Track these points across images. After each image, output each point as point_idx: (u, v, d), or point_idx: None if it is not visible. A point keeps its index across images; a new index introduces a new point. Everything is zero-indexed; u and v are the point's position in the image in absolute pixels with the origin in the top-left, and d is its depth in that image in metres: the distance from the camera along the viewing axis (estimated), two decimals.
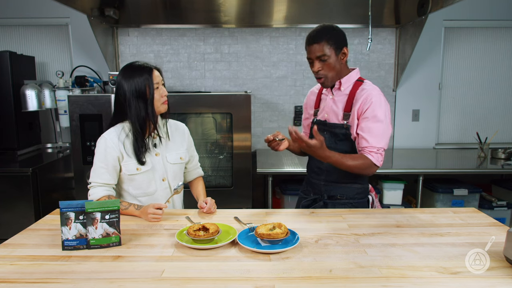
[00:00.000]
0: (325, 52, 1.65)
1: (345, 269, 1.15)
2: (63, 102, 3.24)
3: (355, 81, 1.76)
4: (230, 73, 3.64)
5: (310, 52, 1.69)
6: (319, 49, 1.65)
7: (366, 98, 1.67)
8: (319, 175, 1.85)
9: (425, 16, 3.07)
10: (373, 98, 1.66)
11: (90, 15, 3.05)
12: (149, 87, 1.61)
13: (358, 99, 1.70)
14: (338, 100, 1.77)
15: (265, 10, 3.27)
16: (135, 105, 1.61)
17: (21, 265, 1.19)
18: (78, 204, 1.31)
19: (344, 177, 1.79)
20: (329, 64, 1.68)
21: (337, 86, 1.77)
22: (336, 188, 1.82)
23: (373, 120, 1.66)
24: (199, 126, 3.04)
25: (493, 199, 3.07)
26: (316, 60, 1.68)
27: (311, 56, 1.69)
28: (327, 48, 1.65)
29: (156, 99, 1.64)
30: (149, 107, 1.62)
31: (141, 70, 1.62)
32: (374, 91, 1.69)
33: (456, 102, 3.76)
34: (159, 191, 1.75)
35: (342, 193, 1.82)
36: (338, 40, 1.68)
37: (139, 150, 1.66)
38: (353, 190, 1.83)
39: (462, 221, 1.57)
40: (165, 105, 1.69)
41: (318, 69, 1.69)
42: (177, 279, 1.10)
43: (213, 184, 3.05)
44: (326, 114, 1.81)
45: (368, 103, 1.66)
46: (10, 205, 2.79)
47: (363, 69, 3.63)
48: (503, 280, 1.08)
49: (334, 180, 1.81)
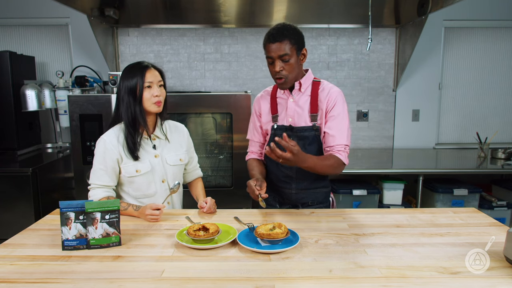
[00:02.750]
0: (287, 52, 1.60)
1: (345, 269, 1.15)
2: (63, 102, 3.23)
3: (312, 81, 1.75)
4: (230, 73, 3.64)
5: (272, 50, 1.61)
6: (282, 48, 1.59)
7: (331, 96, 1.69)
8: (289, 183, 1.78)
9: (425, 16, 3.07)
10: (337, 97, 1.70)
11: (90, 15, 3.05)
12: (139, 85, 1.61)
13: (322, 99, 1.71)
14: (301, 102, 1.73)
15: (265, 10, 3.27)
16: (126, 101, 1.63)
17: (21, 265, 1.19)
18: (78, 204, 1.31)
19: (313, 183, 1.78)
20: (290, 65, 1.63)
21: (297, 87, 1.74)
22: (307, 195, 1.80)
23: (339, 118, 1.68)
24: (199, 126, 3.04)
25: (493, 199, 3.07)
26: (277, 59, 1.61)
27: (273, 55, 1.62)
28: (289, 48, 1.60)
29: (146, 98, 1.63)
30: (137, 105, 1.63)
31: (136, 69, 1.64)
32: (335, 89, 1.73)
33: (456, 102, 3.76)
34: (159, 192, 1.74)
35: (313, 199, 1.81)
36: (299, 40, 1.65)
37: (132, 145, 1.65)
38: (322, 194, 1.83)
39: (462, 221, 1.57)
40: (156, 105, 1.66)
41: (280, 69, 1.62)
42: (177, 279, 1.10)
43: (213, 184, 3.05)
44: (290, 118, 1.74)
45: (333, 102, 1.69)
46: (10, 205, 2.79)
47: (363, 69, 3.63)
48: (503, 280, 1.08)
49: (304, 187, 1.78)
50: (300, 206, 1.80)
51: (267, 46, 1.64)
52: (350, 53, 3.62)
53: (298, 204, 1.80)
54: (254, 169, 1.81)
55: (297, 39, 1.63)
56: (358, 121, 3.69)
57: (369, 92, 3.66)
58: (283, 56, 1.61)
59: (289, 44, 1.60)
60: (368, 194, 2.94)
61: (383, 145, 3.74)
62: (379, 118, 3.70)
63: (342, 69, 3.64)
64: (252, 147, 1.93)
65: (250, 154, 1.94)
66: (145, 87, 1.62)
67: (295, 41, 1.62)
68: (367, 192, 2.94)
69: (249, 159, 1.92)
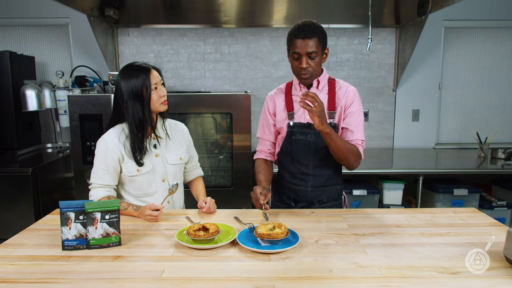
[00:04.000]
0: (315, 49, 1.61)
1: (345, 269, 1.15)
2: (63, 102, 3.23)
3: (328, 80, 1.78)
4: (230, 73, 3.64)
5: (300, 46, 1.60)
6: (311, 45, 1.60)
7: (349, 94, 1.74)
8: (305, 181, 1.78)
9: (425, 16, 3.07)
10: (355, 94, 1.75)
11: (90, 15, 3.05)
12: (146, 88, 1.60)
13: (340, 97, 1.74)
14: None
15: (265, 10, 3.27)
16: (131, 106, 1.61)
17: (21, 265, 1.19)
18: (78, 204, 1.31)
19: (328, 180, 1.79)
20: (316, 62, 1.64)
21: (315, 85, 1.75)
22: (323, 192, 1.80)
23: (357, 114, 1.73)
24: (199, 126, 3.04)
25: (493, 199, 3.07)
26: (305, 56, 1.61)
27: (300, 51, 1.61)
28: (317, 46, 1.62)
29: (155, 100, 1.64)
30: (145, 108, 1.62)
31: (139, 71, 1.61)
32: (352, 87, 1.78)
33: (456, 102, 3.76)
34: (160, 191, 1.74)
35: (328, 196, 1.82)
36: (326, 39, 1.67)
37: (137, 152, 1.65)
38: (336, 191, 1.84)
39: (462, 221, 1.57)
40: (164, 105, 1.68)
41: (307, 66, 1.63)
42: (177, 279, 1.10)
43: (213, 184, 3.05)
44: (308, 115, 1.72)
45: (351, 99, 1.73)
46: (10, 205, 2.79)
47: (363, 69, 3.63)
48: (503, 280, 1.08)
49: (321, 184, 1.79)
50: (316, 203, 1.80)
51: (295, 41, 1.62)
52: (350, 53, 3.62)
53: (315, 202, 1.80)
54: (261, 173, 1.80)
55: (324, 38, 1.66)
56: None
57: (369, 92, 3.66)
58: (311, 53, 1.61)
59: (317, 42, 1.61)
60: (368, 194, 2.94)
61: (383, 145, 3.74)
62: (379, 118, 3.70)
63: (342, 69, 3.64)
64: (262, 145, 1.90)
65: (259, 154, 1.91)
66: (153, 89, 1.62)
67: (323, 40, 1.64)
68: (367, 192, 2.94)
69: (258, 159, 1.90)
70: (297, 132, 1.75)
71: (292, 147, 1.76)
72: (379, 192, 3.00)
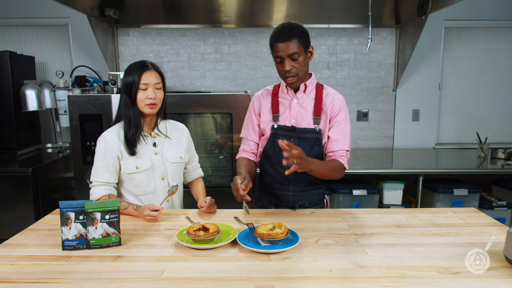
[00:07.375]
0: (296, 50, 1.60)
1: (345, 269, 1.15)
2: (63, 102, 3.23)
3: (316, 85, 1.77)
4: (230, 73, 3.64)
5: (281, 50, 1.60)
6: (291, 47, 1.59)
7: (335, 103, 1.72)
8: (286, 185, 1.76)
9: (425, 16, 3.07)
10: (342, 103, 1.74)
11: (90, 15, 3.05)
12: (134, 86, 1.63)
13: (327, 104, 1.73)
14: (305, 104, 1.74)
15: (265, 10, 3.27)
16: (124, 99, 1.66)
17: (21, 265, 1.19)
18: (78, 204, 1.31)
19: (310, 185, 1.78)
20: (299, 63, 1.63)
21: (302, 89, 1.74)
22: (304, 197, 1.79)
23: (343, 124, 1.72)
24: (199, 126, 3.04)
25: (493, 199, 3.07)
26: (287, 58, 1.61)
27: (282, 54, 1.61)
28: (298, 46, 1.60)
29: (140, 100, 1.64)
30: (132, 104, 1.65)
31: (136, 68, 1.65)
32: (340, 95, 1.76)
33: (456, 102, 3.76)
34: (159, 189, 1.75)
35: (310, 201, 1.81)
36: (307, 38, 1.65)
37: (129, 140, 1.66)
38: (318, 195, 1.83)
39: (462, 221, 1.57)
40: (149, 108, 1.65)
41: (290, 68, 1.62)
42: (177, 279, 1.10)
43: (213, 184, 3.05)
44: (293, 119, 1.73)
45: (338, 108, 1.72)
46: (10, 205, 2.79)
47: (363, 69, 3.63)
48: (503, 280, 1.08)
49: (302, 189, 1.77)
50: (297, 207, 1.79)
51: (275, 46, 1.62)
52: (350, 53, 3.62)
53: (296, 206, 1.79)
54: (242, 168, 1.75)
55: (305, 37, 1.64)
56: (358, 121, 3.69)
57: (369, 92, 3.66)
58: (293, 54, 1.61)
59: (297, 43, 1.60)
60: (368, 194, 2.94)
61: (383, 145, 3.74)
62: (379, 118, 3.70)
63: (342, 69, 3.64)
64: (245, 145, 1.88)
65: (241, 153, 1.87)
66: (140, 88, 1.63)
67: (303, 39, 1.63)
68: (367, 192, 2.94)
69: (240, 157, 1.85)
70: (280, 135, 1.72)
71: (275, 150, 1.73)
72: (379, 192, 3.00)
